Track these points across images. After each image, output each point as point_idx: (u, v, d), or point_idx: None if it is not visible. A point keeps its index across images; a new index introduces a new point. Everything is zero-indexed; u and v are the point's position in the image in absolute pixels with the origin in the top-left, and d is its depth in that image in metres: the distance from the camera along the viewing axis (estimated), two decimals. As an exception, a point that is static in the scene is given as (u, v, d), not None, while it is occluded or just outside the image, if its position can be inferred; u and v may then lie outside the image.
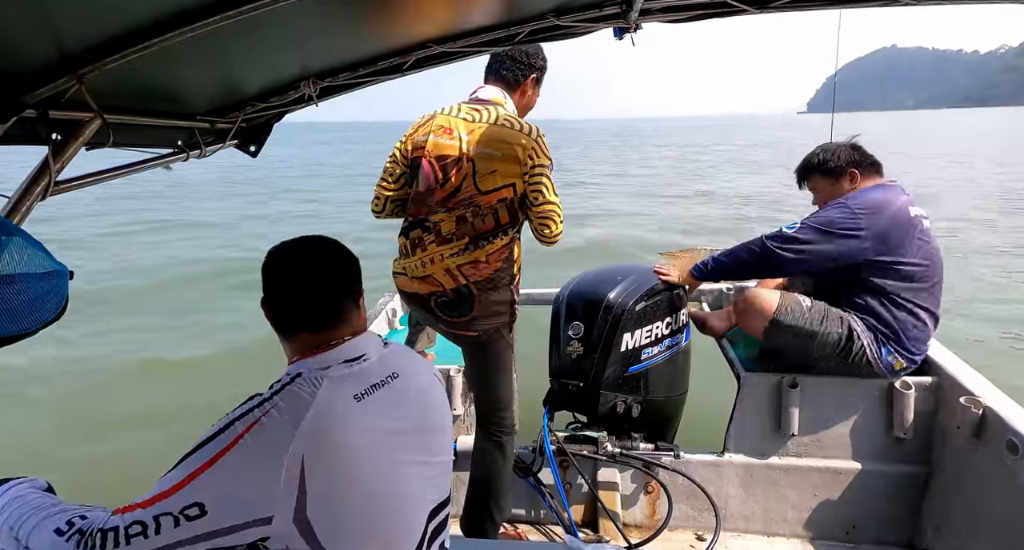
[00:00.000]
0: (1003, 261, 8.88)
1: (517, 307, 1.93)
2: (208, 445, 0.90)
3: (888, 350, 2.11)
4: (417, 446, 1.07)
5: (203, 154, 1.87)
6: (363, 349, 1.06)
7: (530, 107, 2.00)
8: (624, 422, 2.37)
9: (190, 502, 0.86)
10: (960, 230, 10.86)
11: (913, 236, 2.05)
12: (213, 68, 1.59)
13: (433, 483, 1.09)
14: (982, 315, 6.42)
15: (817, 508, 2.25)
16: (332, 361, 1.02)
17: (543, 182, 1.77)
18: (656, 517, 2.38)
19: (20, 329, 0.95)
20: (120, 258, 9.92)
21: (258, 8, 1.11)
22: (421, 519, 1.06)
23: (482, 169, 1.75)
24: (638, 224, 12.44)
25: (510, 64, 1.90)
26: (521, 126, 1.79)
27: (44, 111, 1.23)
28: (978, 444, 1.96)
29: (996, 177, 19.30)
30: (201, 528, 0.86)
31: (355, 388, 1.00)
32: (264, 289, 1.09)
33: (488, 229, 1.79)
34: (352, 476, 0.95)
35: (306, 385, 0.97)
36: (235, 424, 0.92)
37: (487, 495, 2.09)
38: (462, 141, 1.77)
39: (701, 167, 26.24)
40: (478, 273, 1.80)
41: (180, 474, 0.88)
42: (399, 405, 1.05)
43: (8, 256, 0.92)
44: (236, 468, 0.89)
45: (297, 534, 0.90)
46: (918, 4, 1.52)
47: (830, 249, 2.05)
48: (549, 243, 1.88)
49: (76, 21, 1.06)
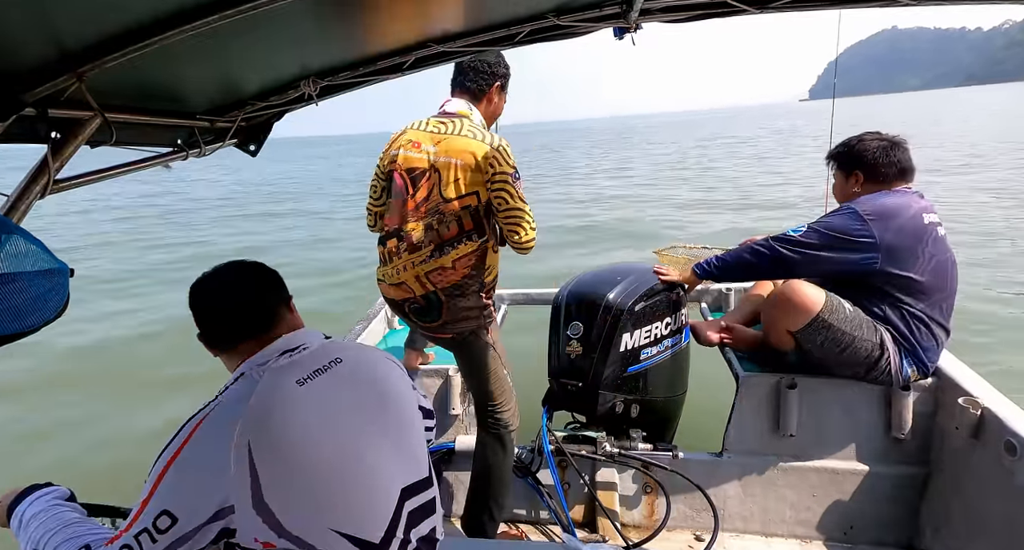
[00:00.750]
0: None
1: (492, 311, 1.99)
2: (163, 454, 0.97)
3: (909, 362, 2.06)
4: (377, 422, 1.09)
5: (203, 153, 1.87)
6: (301, 341, 1.11)
7: (498, 113, 2.06)
8: (623, 422, 2.38)
9: (159, 511, 0.92)
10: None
11: (927, 244, 1.97)
12: (213, 67, 1.59)
13: (400, 458, 1.09)
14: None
15: (815, 509, 2.25)
16: (271, 354, 1.07)
17: (506, 188, 1.84)
18: (655, 517, 2.38)
19: (22, 327, 0.95)
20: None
21: (258, 7, 1.11)
22: (392, 497, 1.06)
23: (446, 178, 1.84)
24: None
25: (473, 75, 1.97)
26: (483, 136, 1.87)
27: (44, 109, 1.22)
28: (976, 445, 1.96)
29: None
30: (175, 534, 0.92)
31: (297, 374, 1.04)
32: (196, 321, 1.14)
33: (452, 235, 1.86)
34: (301, 456, 0.97)
35: (247, 381, 1.03)
36: (183, 430, 0.98)
37: (487, 489, 2.11)
38: (429, 153, 1.87)
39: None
40: (445, 279, 1.88)
41: (146, 489, 0.95)
42: (346, 386, 1.08)
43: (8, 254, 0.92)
44: (188, 468, 0.94)
45: (261, 523, 0.93)
46: (918, 4, 1.52)
47: (836, 257, 1.98)
48: (522, 249, 1.94)
49: (76, 19, 1.06)
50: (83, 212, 17.90)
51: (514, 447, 2.17)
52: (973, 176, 14.95)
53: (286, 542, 0.94)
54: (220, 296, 1.13)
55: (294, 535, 0.95)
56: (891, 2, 1.52)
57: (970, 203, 11.44)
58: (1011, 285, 6.67)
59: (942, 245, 2.02)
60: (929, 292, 2.01)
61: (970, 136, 27.24)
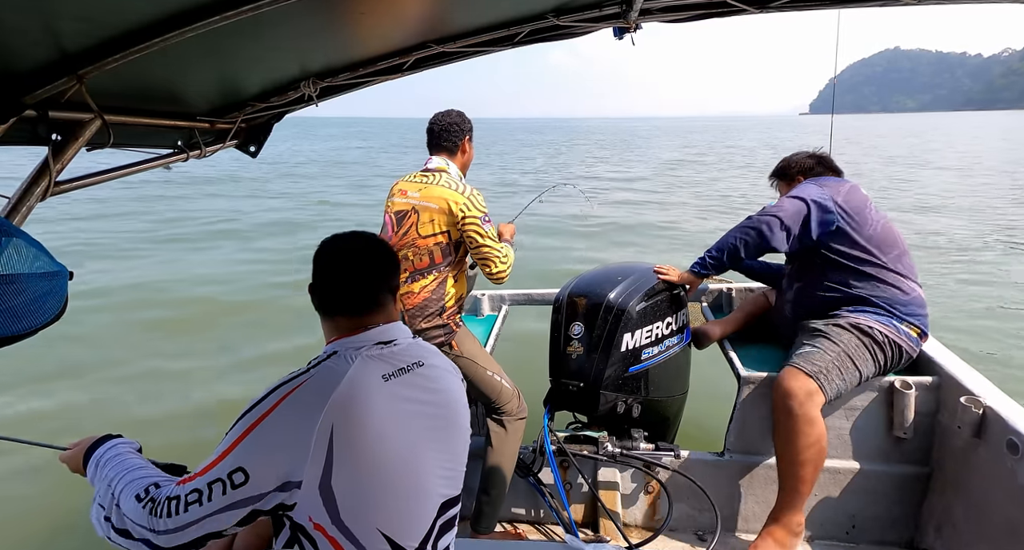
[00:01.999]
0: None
1: (454, 327, 2.24)
2: (249, 414, 0.99)
3: (898, 319, 2.15)
4: (436, 435, 1.11)
5: (203, 154, 1.88)
6: (395, 335, 1.15)
7: (470, 159, 2.42)
8: (624, 422, 2.37)
9: (235, 467, 0.95)
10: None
11: (871, 208, 2.23)
12: (213, 68, 1.59)
13: (448, 476, 1.12)
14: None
15: (817, 508, 2.25)
16: (366, 342, 1.10)
17: (476, 230, 2.17)
18: (656, 517, 2.38)
19: (21, 329, 0.95)
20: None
21: (258, 8, 1.11)
22: (432, 508, 1.08)
23: (423, 218, 2.19)
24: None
25: (447, 135, 2.31)
26: (457, 187, 2.19)
27: (44, 111, 1.23)
28: (978, 444, 1.96)
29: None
30: (244, 493, 0.95)
31: (384, 369, 1.07)
32: (313, 274, 1.18)
33: (424, 266, 2.20)
34: (374, 451, 0.99)
35: (340, 361, 1.05)
36: (272, 394, 1.00)
37: (488, 469, 2.26)
38: (414, 199, 2.24)
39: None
40: (410, 302, 2.20)
41: (226, 443, 0.97)
42: (422, 391, 1.11)
43: (8, 256, 0.92)
44: (272, 434, 0.96)
45: (320, 503, 0.96)
46: (919, 4, 1.52)
47: (804, 217, 2.18)
48: (495, 280, 2.27)
49: (76, 21, 1.06)
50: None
51: (518, 434, 2.27)
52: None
53: (335, 530, 0.97)
54: (339, 265, 1.16)
55: (345, 525, 0.97)
56: (891, 1, 1.52)
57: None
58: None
59: (879, 212, 2.26)
60: (886, 248, 2.18)
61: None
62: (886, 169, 23.14)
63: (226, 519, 0.96)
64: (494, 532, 2.27)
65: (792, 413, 1.99)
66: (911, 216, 12.39)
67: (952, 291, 7.17)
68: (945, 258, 8.78)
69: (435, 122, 2.31)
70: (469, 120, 2.38)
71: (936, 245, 9.66)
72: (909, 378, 2.14)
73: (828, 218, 2.18)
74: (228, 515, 0.95)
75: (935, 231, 10.78)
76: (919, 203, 14.30)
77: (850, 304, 2.18)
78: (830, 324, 2.15)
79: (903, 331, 2.13)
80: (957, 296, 6.98)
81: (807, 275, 2.30)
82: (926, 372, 2.20)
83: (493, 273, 2.24)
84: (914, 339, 2.15)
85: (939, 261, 8.55)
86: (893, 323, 2.13)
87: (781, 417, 2.03)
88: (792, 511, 2.04)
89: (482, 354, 2.29)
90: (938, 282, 7.43)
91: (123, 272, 8.12)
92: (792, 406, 1.99)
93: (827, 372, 2.04)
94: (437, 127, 2.30)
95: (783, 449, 2.04)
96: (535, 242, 9.69)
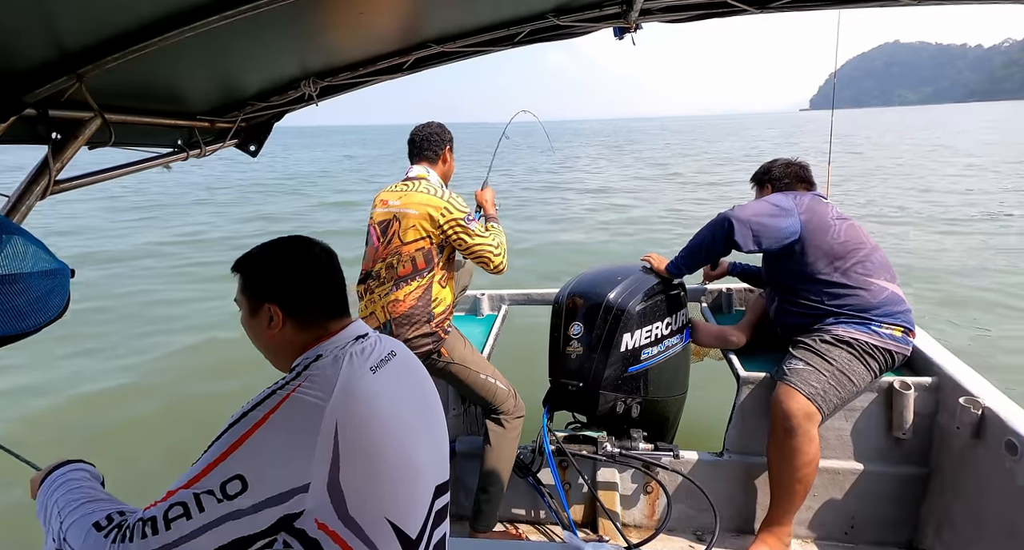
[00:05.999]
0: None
1: (442, 335, 2.21)
2: (237, 425, 0.93)
3: (876, 324, 2.15)
4: (424, 420, 1.12)
5: (203, 153, 1.88)
6: (364, 329, 1.15)
7: (451, 170, 2.43)
8: (624, 422, 2.37)
9: (230, 475, 0.88)
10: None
11: (833, 214, 2.27)
12: (213, 67, 1.59)
13: (437, 460, 1.13)
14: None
15: (816, 508, 2.25)
16: (348, 339, 1.10)
17: (462, 230, 2.17)
18: (655, 517, 2.38)
19: (24, 327, 0.95)
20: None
21: (258, 8, 1.11)
22: (428, 493, 1.08)
23: (405, 225, 2.18)
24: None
25: (428, 145, 2.33)
26: (436, 192, 2.20)
27: (44, 110, 1.23)
28: (977, 444, 1.96)
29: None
30: (243, 502, 0.88)
31: (370, 361, 1.07)
32: (268, 287, 1.10)
33: (407, 273, 2.18)
34: (378, 441, 0.99)
35: (329, 361, 1.03)
36: (262, 404, 0.96)
37: (486, 468, 2.26)
38: (394, 207, 2.24)
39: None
40: (396, 310, 2.18)
41: (214, 454, 0.91)
42: (404, 378, 1.12)
43: (9, 255, 0.92)
44: (269, 443, 0.91)
45: (328, 502, 0.93)
46: (919, 4, 1.52)
47: (768, 223, 2.22)
48: (497, 272, 2.26)
49: (76, 20, 1.06)
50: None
51: (516, 432, 2.27)
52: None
53: (341, 525, 0.95)
54: (312, 272, 1.12)
55: (352, 518, 0.95)
56: (891, 1, 1.52)
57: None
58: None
59: (842, 215, 2.30)
60: (852, 251, 2.20)
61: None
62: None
63: (207, 543, 0.87)
64: (493, 532, 2.27)
65: (792, 433, 2.02)
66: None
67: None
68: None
69: (416, 133, 2.35)
70: (449, 131, 2.40)
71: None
72: (908, 379, 2.14)
73: (792, 227, 2.21)
74: (214, 534, 0.87)
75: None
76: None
77: (826, 317, 2.19)
78: (817, 340, 2.16)
79: (885, 334, 2.13)
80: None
81: (781, 294, 2.36)
82: (925, 373, 2.20)
83: (492, 268, 2.23)
84: (899, 338, 2.15)
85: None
86: (872, 329, 2.13)
87: (780, 435, 2.05)
88: (783, 523, 2.09)
89: (474, 357, 2.29)
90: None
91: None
92: (792, 427, 2.02)
93: (824, 393, 2.06)
94: (418, 137, 2.33)
95: (779, 465, 2.07)
96: (535, 239, 9.64)
